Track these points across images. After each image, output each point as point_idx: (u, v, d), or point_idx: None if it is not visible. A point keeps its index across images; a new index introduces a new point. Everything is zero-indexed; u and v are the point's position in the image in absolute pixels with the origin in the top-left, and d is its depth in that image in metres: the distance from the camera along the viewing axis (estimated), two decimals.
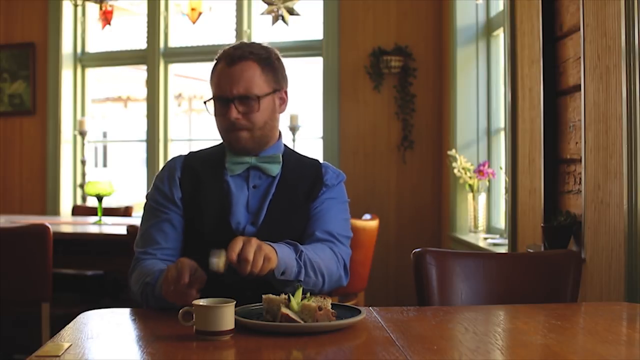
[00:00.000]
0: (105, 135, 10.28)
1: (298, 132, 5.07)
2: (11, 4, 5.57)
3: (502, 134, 3.93)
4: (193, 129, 11.32)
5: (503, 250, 3.42)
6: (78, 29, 5.65)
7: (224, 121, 1.84)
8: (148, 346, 1.37)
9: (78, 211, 4.91)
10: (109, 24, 4.92)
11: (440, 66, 4.85)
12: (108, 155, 11.21)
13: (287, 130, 5.01)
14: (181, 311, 1.43)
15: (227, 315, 1.38)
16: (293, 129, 5.04)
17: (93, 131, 6.11)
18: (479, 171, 3.98)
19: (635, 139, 2.11)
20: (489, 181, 4.08)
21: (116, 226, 3.83)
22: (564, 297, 1.92)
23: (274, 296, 1.49)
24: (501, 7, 3.90)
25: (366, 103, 4.95)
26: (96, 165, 10.54)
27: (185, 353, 1.32)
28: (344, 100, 4.99)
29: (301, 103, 5.96)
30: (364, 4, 4.97)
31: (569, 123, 2.68)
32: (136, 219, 4.28)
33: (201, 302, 1.41)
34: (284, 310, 1.44)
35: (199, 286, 1.54)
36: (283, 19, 4.47)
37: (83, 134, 5.27)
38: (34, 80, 5.54)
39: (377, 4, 4.95)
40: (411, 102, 4.85)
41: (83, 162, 5.41)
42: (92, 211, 4.63)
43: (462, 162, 4.13)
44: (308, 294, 1.52)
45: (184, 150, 2.02)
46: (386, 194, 4.92)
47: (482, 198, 4.09)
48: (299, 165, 1.92)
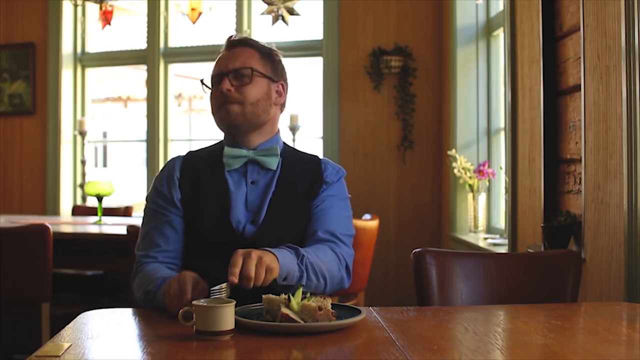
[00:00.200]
0: (105, 135, 10.28)
1: (298, 132, 5.07)
2: (11, 4, 5.58)
3: (502, 134, 3.93)
4: (193, 129, 11.33)
5: (503, 250, 3.42)
6: (78, 29, 5.65)
7: (217, 96, 1.85)
8: (148, 346, 1.37)
9: (78, 211, 4.91)
10: (109, 24, 4.92)
11: (440, 66, 4.85)
12: (108, 155, 11.22)
13: (287, 130, 5.02)
14: (181, 311, 1.43)
15: (227, 315, 1.38)
16: (293, 129, 5.04)
17: (93, 131, 6.11)
18: (479, 171, 3.98)
19: (635, 139, 2.11)
20: (489, 181, 4.08)
21: (116, 226, 3.83)
22: (564, 297, 1.92)
23: (274, 296, 1.49)
24: (501, 7, 3.90)
25: (366, 103, 4.95)
26: (96, 165, 10.55)
27: (185, 353, 1.32)
28: (344, 100, 4.99)
29: (301, 103, 5.96)
30: (364, 4, 4.97)
31: (569, 123, 2.68)
32: (136, 219, 4.28)
33: (201, 302, 1.41)
34: (284, 310, 1.44)
35: (202, 297, 1.52)
36: (283, 19, 4.48)
37: (83, 134, 5.27)
38: (34, 80, 5.54)
39: (377, 4, 4.95)
40: (411, 102, 4.86)
41: (83, 162, 5.41)
42: (92, 211, 4.63)
43: (462, 162, 4.13)
44: (308, 294, 1.52)
45: (184, 150, 2.01)
46: (386, 194, 4.92)
47: (482, 198, 4.09)
48: (298, 161, 1.91)
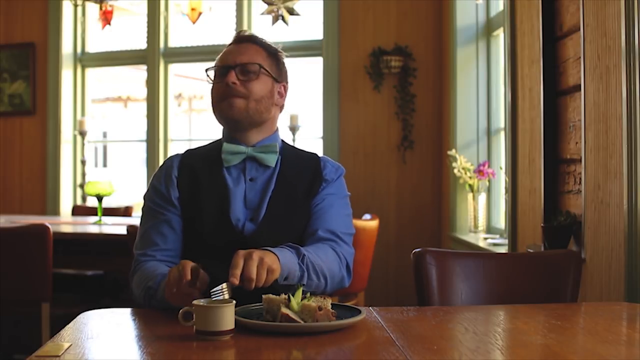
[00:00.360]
0: (105, 135, 10.28)
1: (298, 132, 5.07)
2: (11, 4, 5.58)
3: (502, 134, 3.93)
4: (193, 129, 11.33)
5: (503, 250, 3.42)
6: (78, 29, 5.65)
7: (221, 87, 1.84)
8: (148, 346, 1.37)
9: (78, 211, 4.91)
10: (109, 24, 4.92)
11: (440, 66, 4.85)
12: (108, 155, 11.22)
13: (287, 130, 5.02)
14: (181, 311, 1.43)
15: (227, 315, 1.38)
16: (293, 129, 5.04)
17: (93, 131, 6.11)
18: (479, 171, 3.98)
19: (635, 139, 2.11)
20: (489, 181, 4.08)
21: (116, 226, 3.83)
22: (564, 297, 1.92)
23: (274, 296, 1.49)
24: (501, 7, 3.90)
25: (366, 103, 4.95)
26: (96, 165, 10.55)
27: (185, 353, 1.32)
28: (344, 100, 4.99)
29: (301, 103, 5.96)
30: (364, 4, 4.97)
31: (569, 123, 2.68)
32: (136, 219, 4.28)
33: (201, 302, 1.41)
34: (284, 310, 1.44)
35: (202, 287, 1.52)
36: (283, 19, 4.47)
37: (83, 134, 5.27)
38: (34, 80, 5.54)
39: (377, 4, 4.95)
40: (411, 102, 4.85)
41: (83, 162, 5.41)
42: (92, 211, 4.63)
43: (462, 162, 4.13)
44: (308, 294, 1.52)
45: (184, 150, 2.01)
46: (386, 194, 4.92)
47: (482, 198, 4.09)
48: (298, 159, 1.91)
